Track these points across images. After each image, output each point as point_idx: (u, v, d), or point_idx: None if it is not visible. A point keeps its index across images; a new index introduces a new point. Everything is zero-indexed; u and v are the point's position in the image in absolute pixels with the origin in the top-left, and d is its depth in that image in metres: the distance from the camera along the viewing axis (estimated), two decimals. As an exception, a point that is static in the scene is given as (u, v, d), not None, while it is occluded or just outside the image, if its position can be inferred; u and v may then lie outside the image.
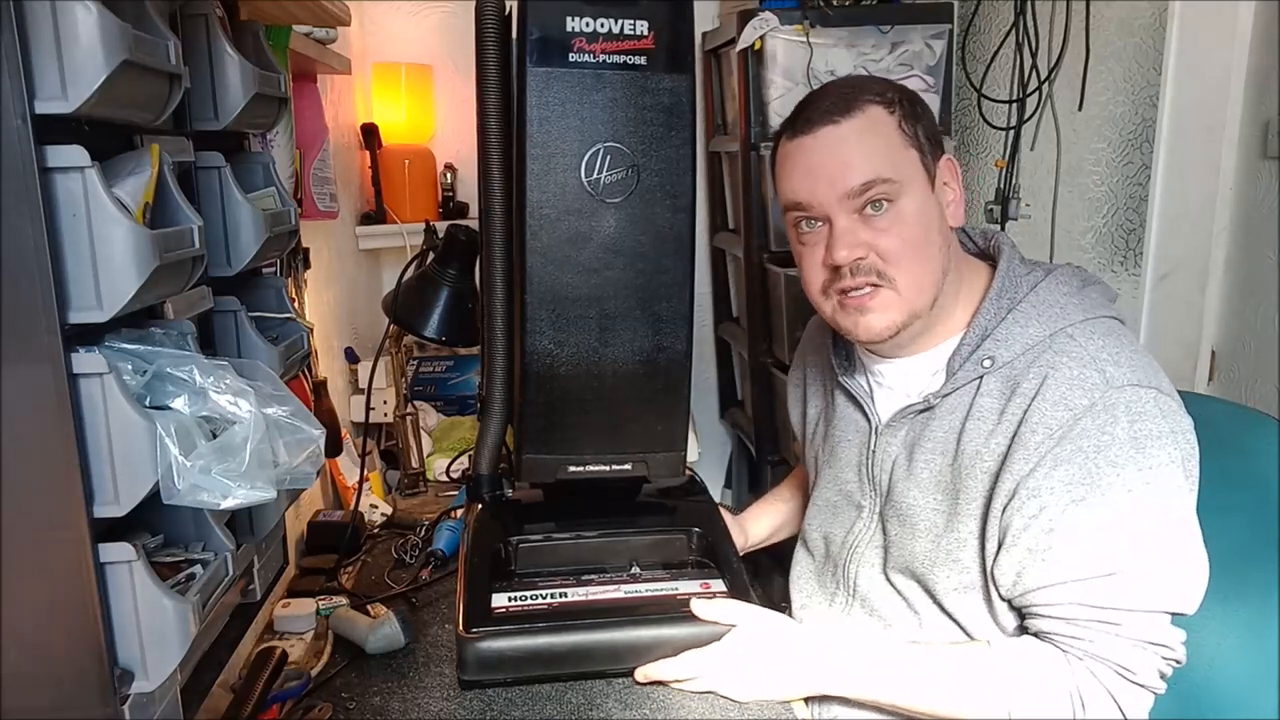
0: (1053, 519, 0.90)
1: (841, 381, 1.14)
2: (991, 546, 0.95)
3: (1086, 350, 0.93)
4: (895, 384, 1.08)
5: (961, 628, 1.01)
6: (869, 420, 1.10)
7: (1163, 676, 0.91)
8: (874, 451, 1.09)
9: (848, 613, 1.11)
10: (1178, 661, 0.91)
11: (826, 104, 0.99)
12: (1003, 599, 0.97)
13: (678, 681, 1.00)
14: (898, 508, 1.05)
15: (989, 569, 0.97)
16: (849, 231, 0.98)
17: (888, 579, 1.07)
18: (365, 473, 1.61)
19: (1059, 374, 0.92)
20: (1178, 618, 0.91)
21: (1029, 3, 1.92)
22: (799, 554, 1.23)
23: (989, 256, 1.08)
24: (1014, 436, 0.93)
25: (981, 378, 0.98)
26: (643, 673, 1.01)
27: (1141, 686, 0.90)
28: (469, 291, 1.44)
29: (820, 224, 1.01)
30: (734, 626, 1.00)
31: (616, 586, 1.07)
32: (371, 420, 1.62)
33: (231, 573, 0.82)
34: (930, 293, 1.00)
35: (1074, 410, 0.90)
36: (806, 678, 0.99)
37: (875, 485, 1.09)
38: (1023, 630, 0.98)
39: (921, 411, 1.03)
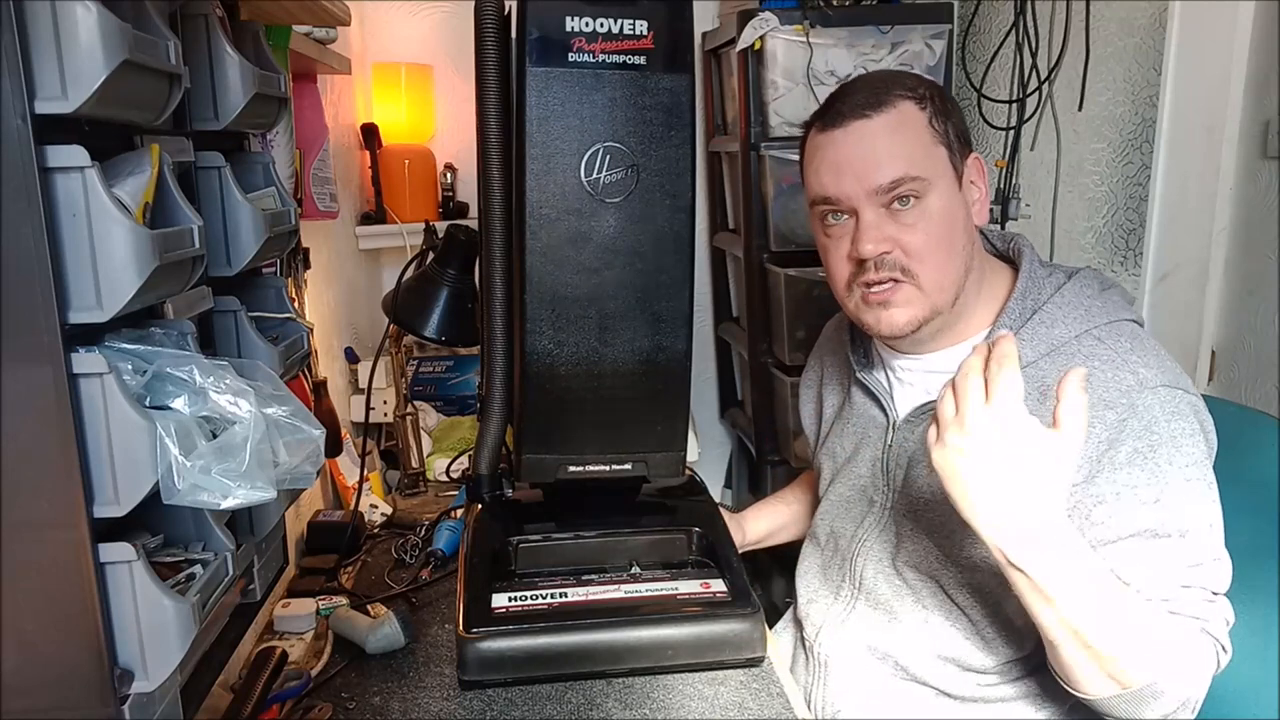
0: (1127, 523, 0.90)
1: (860, 378, 1.14)
2: None
3: (1116, 352, 0.95)
4: (916, 380, 1.09)
5: (971, 622, 1.02)
6: (887, 416, 1.11)
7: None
8: (891, 447, 1.09)
9: (852, 606, 1.11)
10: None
11: (858, 98, 1.00)
12: None
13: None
14: (913, 502, 1.05)
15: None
16: (875, 226, 0.99)
17: (898, 573, 1.07)
18: (365, 473, 1.61)
19: (1093, 376, 0.93)
20: None
21: (1029, 3, 1.92)
22: (806, 549, 1.24)
23: (1007, 258, 1.09)
24: None
25: None
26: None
27: (1219, 663, 0.91)
28: (469, 291, 1.44)
29: (847, 217, 1.02)
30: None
31: (616, 586, 1.07)
32: (371, 420, 1.62)
33: (231, 573, 0.82)
34: (952, 290, 1.00)
35: (1117, 410, 0.92)
36: (1039, 520, 0.83)
37: (890, 480, 1.09)
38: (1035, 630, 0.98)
39: None
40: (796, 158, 1.92)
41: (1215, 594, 0.91)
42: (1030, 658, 1.01)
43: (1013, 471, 0.82)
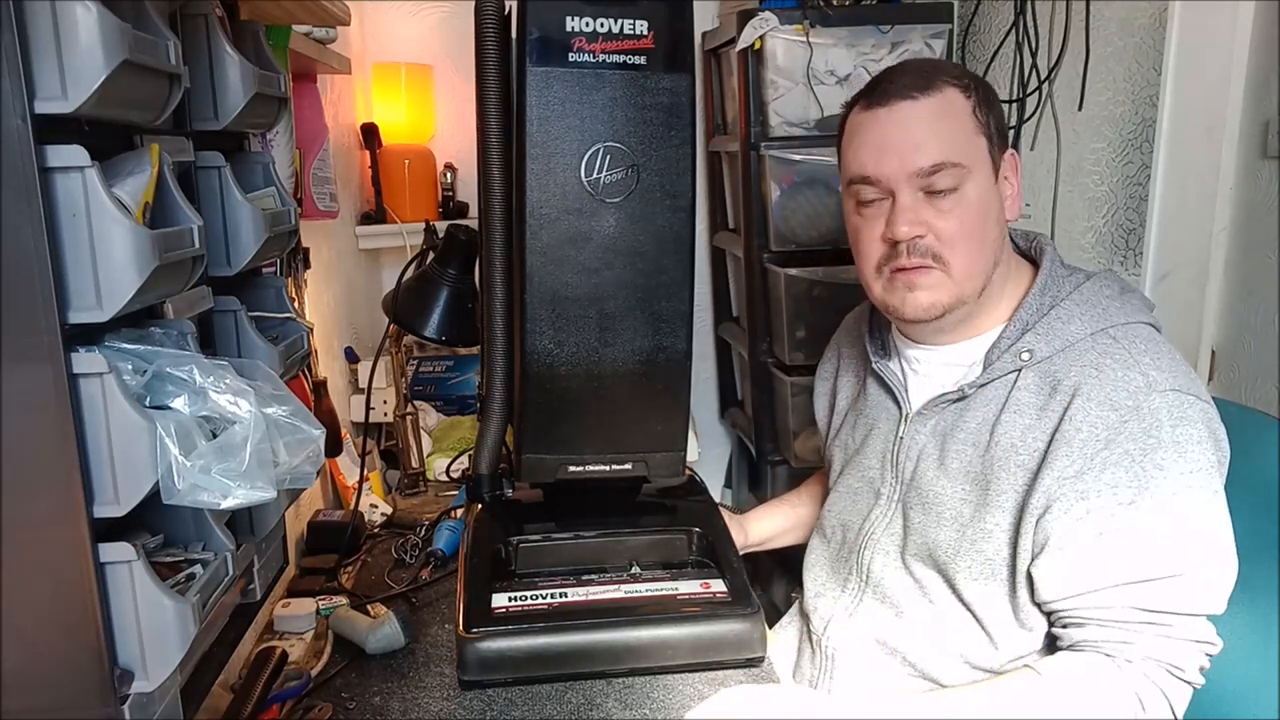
0: (1101, 523, 0.91)
1: (875, 368, 1.14)
2: (1026, 543, 0.95)
3: (1129, 353, 0.94)
4: (931, 373, 1.09)
5: (976, 618, 1.01)
6: (900, 407, 1.11)
7: (1202, 671, 0.92)
8: (901, 438, 1.09)
9: (859, 599, 1.11)
10: (1211, 655, 0.92)
11: (905, 80, 1.00)
12: (1036, 603, 0.97)
13: None
14: (922, 495, 1.05)
15: (1023, 570, 0.96)
16: (911, 209, 0.99)
17: (905, 566, 1.07)
18: (365, 473, 1.61)
19: (1103, 375, 0.93)
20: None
21: (1029, 3, 1.92)
22: (814, 542, 1.24)
23: (1029, 258, 1.09)
24: (1054, 433, 0.94)
25: (1019, 371, 0.99)
26: None
27: (1188, 683, 0.91)
28: (469, 291, 1.44)
29: (882, 199, 1.01)
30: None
31: (616, 586, 1.07)
32: (371, 420, 1.62)
33: (231, 573, 0.82)
34: (980, 280, 1.01)
35: (1120, 411, 0.91)
36: None
37: (898, 472, 1.09)
38: (1049, 631, 0.98)
39: (955, 401, 1.04)
40: (797, 158, 1.95)
41: (1174, 614, 0.89)
42: (1037, 655, 1.01)
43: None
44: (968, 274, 1.00)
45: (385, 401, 1.80)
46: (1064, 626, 0.95)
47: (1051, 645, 0.99)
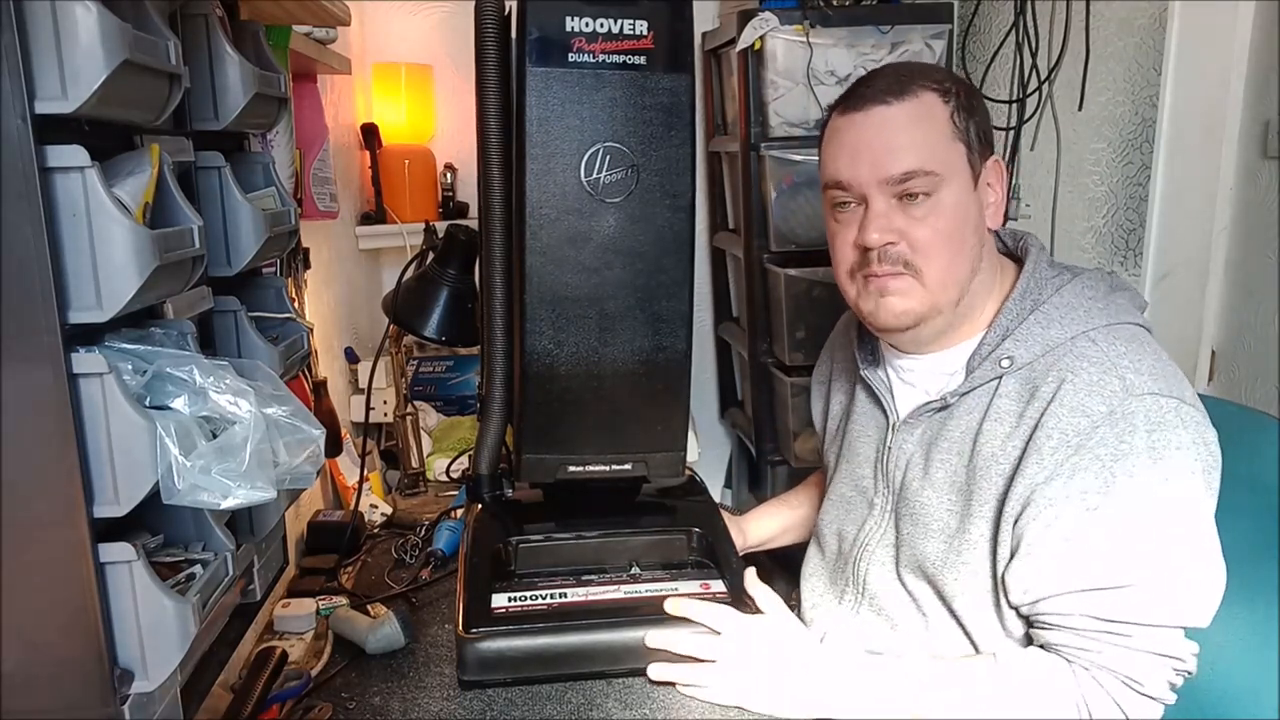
0: (1066, 528, 0.89)
1: (864, 375, 1.13)
2: (1004, 552, 0.94)
3: (1107, 356, 0.92)
4: (917, 381, 1.08)
5: (966, 632, 1.01)
6: (887, 416, 1.10)
7: (1172, 688, 0.90)
8: (890, 448, 1.08)
9: (856, 611, 1.11)
10: (1189, 673, 0.90)
11: (882, 84, 0.99)
12: (1011, 606, 0.96)
13: (688, 685, 0.99)
14: (911, 506, 1.04)
15: (1000, 576, 0.95)
16: (883, 215, 0.97)
17: (899, 578, 1.06)
18: (365, 473, 1.61)
19: (1078, 379, 0.91)
20: (1190, 630, 0.90)
21: (1029, 3, 1.92)
22: (810, 551, 1.23)
23: (1017, 257, 1.07)
24: (1029, 440, 0.92)
25: (1000, 378, 0.97)
26: (655, 671, 1.00)
27: (1150, 698, 0.89)
28: (469, 291, 1.44)
29: (856, 204, 1.00)
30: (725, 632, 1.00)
31: (616, 587, 1.07)
32: (371, 420, 1.62)
33: (231, 573, 0.82)
34: (954, 290, 0.99)
35: (1092, 417, 0.89)
36: (808, 692, 0.97)
37: (889, 482, 1.08)
38: (1029, 639, 0.98)
39: (939, 410, 1.03)
40: (797, 158, 1.95)
41: (1132, 624, 0.87)
42: None
43: (767, 663, 0.98)
44: (941, 283, 0.98)
45: (385, 401, 1.80)
46: (1032, 628, 0.95)
47: None
